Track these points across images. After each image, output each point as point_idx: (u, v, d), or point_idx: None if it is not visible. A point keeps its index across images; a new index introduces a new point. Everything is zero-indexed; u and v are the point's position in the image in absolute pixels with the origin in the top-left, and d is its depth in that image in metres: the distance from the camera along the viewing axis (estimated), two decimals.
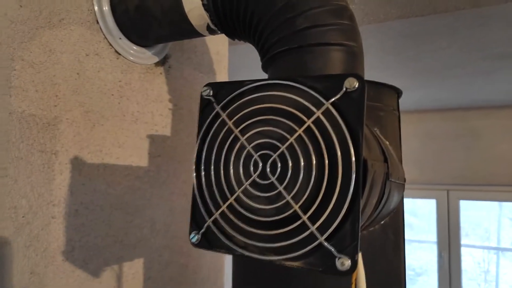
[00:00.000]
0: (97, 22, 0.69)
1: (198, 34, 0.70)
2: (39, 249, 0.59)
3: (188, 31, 0.69)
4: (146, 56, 0.78)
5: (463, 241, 3.53)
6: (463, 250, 3.47)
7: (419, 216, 3.72)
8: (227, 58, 1.05)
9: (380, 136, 0.41)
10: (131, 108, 0.76)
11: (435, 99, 2.80)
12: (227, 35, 0.66)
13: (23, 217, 0.56)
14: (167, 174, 0.85)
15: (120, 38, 0.72)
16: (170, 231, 0.86)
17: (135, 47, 0.75)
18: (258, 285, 0.47)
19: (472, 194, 3.42)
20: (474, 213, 3.59)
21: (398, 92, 0.53)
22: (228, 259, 1.09)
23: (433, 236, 3.55)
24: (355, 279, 0.28)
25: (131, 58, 0.75)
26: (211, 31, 0.68)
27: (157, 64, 0.82)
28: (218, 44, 1.01)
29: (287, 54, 0.54)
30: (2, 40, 0.54)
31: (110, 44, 0.71)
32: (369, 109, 0.49)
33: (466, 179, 3.31)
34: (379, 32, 1.41)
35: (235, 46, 1.36)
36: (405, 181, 0.53)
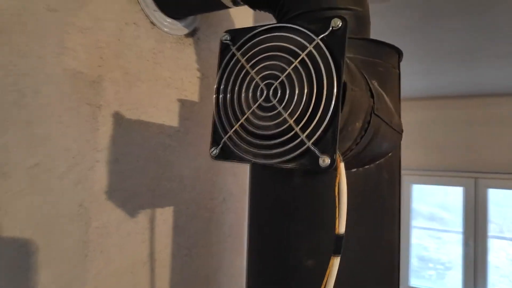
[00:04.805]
0: None
1: (224, 6, 0.78)
2: (86, 187, 0.69)
3: (215, 3, 0.77)
4: (177, 28, 0.87)
5: (492, 232, 3.46)
6: (495, 244, 3.40)
7: (449, 209, 3.64)
8: None
9: (373, 84, 0.48)
10: (164, 74, 0.85)
11: (461, 84, 2.77)
12: (249, 5, 0.74)
13: (73, 158, 0.67)
14: (194, 136, 0.94)
15: (155, 10, 0.81)
16: (196, 188, 0.95)
17: (168, 19, 0.84)
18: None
19: (501, 182, 3.35)
20: (508, 209, 3.43)
21: (398, 52, 0.59)
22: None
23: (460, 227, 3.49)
24: (338, 183, 0.36)
25: (164, 29, 0.84)
26: (235, 3, 0.76)
27: (187, 35, 0.91)
28: (242, 19, 1.09)
29: (300, 17, 0.61)
30: (59, 7, 0.64)
31: (146, 15, 0.80)
32: (369, 63, 0.56)
33: (494, 168, 3.25)
34: (398, 10, 1.44)
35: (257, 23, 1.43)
36: (402, 131, 0.59)
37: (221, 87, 0.41)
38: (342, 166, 0.35)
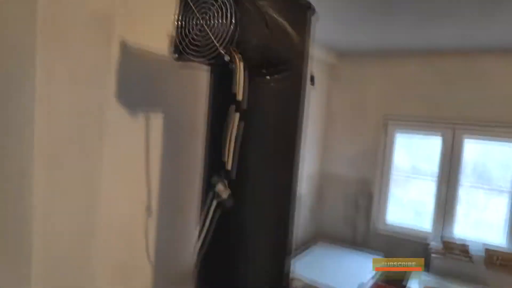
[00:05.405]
0: None
1: None
2: (103, 93, 1.06)
3: None
4: None
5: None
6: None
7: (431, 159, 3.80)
8: None
9: (275, 20, 0.80)
10: (159, 14, 1.15)
11: (446, 40, 2.88)
12: None
13: (95, 70, 1.00)
14: (181, 63, 1.26)
15: None
16: (180, 106, 1.29)
17: None
18: None
19: (478, 132, 3.52)
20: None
21: (307, 5, 0.90)
22: None
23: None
24: (237, 75, 0.68)
25: None
26: None
27: None
28: None
29: None
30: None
31: None
32: (287, 10, 0.87)
33: (472, 119, 3.42)
34: None
35: None
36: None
37: (179, 18, 0.73)
38: (238, 61, 0.67)
